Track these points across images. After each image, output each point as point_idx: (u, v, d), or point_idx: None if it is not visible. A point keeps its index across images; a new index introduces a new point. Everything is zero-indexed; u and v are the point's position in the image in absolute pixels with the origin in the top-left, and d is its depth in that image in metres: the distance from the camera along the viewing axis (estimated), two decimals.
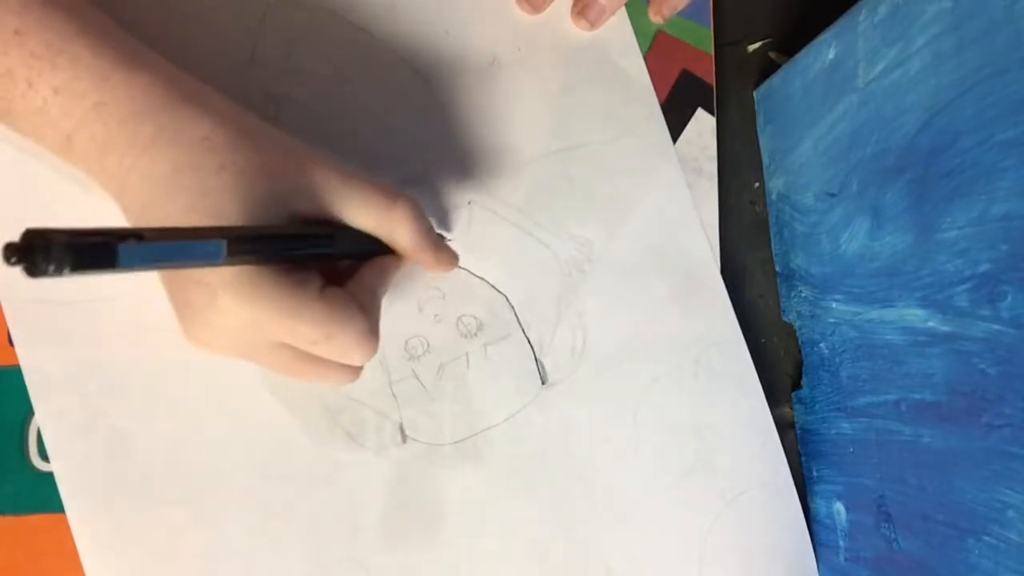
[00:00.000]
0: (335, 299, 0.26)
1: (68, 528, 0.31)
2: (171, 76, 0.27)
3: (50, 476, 0.32)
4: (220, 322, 0.25)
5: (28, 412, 0.32)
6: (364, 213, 0.28)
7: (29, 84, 0.25)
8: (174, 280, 0.26)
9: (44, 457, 0.32)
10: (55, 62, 0.25)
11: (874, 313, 0.32)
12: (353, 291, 0.28)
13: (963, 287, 0.26)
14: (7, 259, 0.17)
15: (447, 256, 0.32)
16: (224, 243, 0.22)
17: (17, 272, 0.16)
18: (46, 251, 0.17)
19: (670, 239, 0.37)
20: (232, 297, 0.24)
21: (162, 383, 0.32)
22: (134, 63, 0.26)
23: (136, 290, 0.32)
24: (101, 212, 0.28)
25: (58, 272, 0.17)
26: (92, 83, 0.25)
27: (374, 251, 0.30)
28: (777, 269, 0.40)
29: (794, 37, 0.40)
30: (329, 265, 0.29)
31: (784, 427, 0.39)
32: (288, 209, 0.26)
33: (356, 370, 0.30)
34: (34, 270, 0.17)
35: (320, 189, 0.27)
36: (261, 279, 0.25)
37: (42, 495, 0.32)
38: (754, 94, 0.41)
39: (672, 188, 0.38)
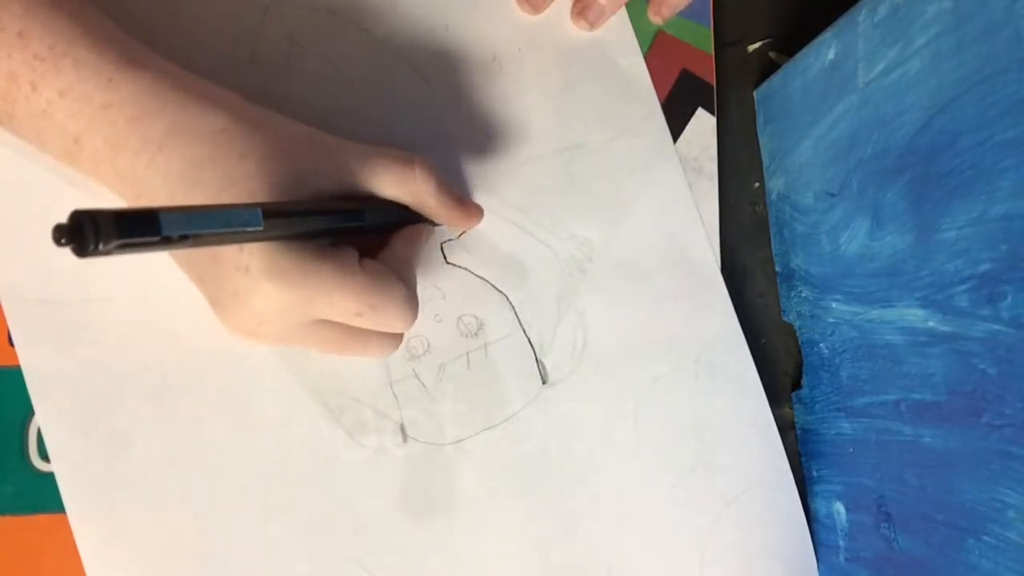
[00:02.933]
0: (374, 270, 0.27)
1: (68, 528, 0.31)
2: (177, 75, 0.27)
3: (50, 476, 0.32)
4: (265, 306, 0.25)
5: (28, 412, 0.32)
6: (386, 181, 0.29)
7: (33, 87, 0.25)
8: (214, 274, 0.26)
9: (44, 457, 0.32)
10: (58, 65, 0.25)
11: (874, 313, 0.32)
12: (387, 261, 0.29)
13: (963, 287, 0.26)
14: (56, 240, 0.17)
15: (473, 208, 0.33)
16: (259, 210, 0.22)
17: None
18: (94, 227, 0.17)
19: (671, 238, 0.37)
20: (274, 279, 0.25)
21: (162, 383, 0.32)
22: (138, 64, 0.26)
23: (136, 290, 0.32)
24: None
25: (106, 247, 0.18)
26: (97, 85, 0.25)
27: (403, 219, 0.31)
28: (777, 269, 0.40)
29: (794, 37, 0.40)
30: (359, 240, 0.30)
31: (784, 427, 0.39)
32: (313, 188, 0.27)
33: (398, 338, 0.31)
34: (83, 249, 0.17)
35: (340, 166, 0.28)
36: (300, 258, 0.25)
37: (42, 495, 0.32)
38: (754, 94, 0.41)
39: (672, 187, 0.38)
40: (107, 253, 0.18)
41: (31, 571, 0.32)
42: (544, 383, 0.36)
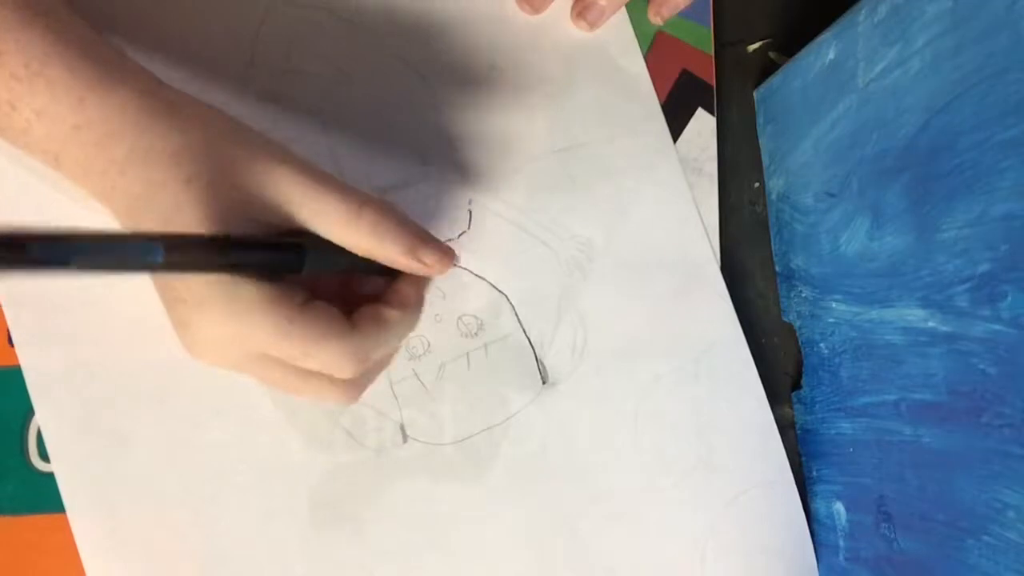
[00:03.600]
0: (316, 315, 0.25)
1: (68, 528, 0.31)
2: (148, 89, 0.26)
3: (50, 476, 0.32)
4: (206, 336, 0.25)
5: (28, 412, 0.32)
6: (328, 223, 0.26)
7: (12, 106, 0.25)
8: (166, 298, 0.26)
9: (44, 457, 0.32)
10: (33, 84, 0.25)
11: (874, 313, 0.32)
12: (364, 310, 0.27)
13: (963, 287, 0.26)
14: None
15: (435, 257, 0.28)
16: (161, 245, 0.22)
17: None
18: None
19: (671, 238, 0.37)
20: (207, 312, 0.24)
21: (162, 383, 0.32)
22: (111, 79, 0.26)
23: (136, 290, 0.32)
24: (97, 219, 0.28)
25: None
26: (69, 106, 0.25)
27: (353, 265, 0.28)
28: (777, 269, 0.40)
29: (794, 37, 0.40)
30: (346, 282, 0.29)
31: (784, 427, 0.39)
32: (256, 220, 0.26)
33: (353, 389, 0.28)
34: None
35: (285, 200, 0.26)
36: (236, 294, 0.24)
37: (42, 495, 0.32)
38: (754, 94, 0.41)
39: (672, 187, 0.38)
40: None
41: (31, 571, 0.32)
42: (544, 383, 0.36)
